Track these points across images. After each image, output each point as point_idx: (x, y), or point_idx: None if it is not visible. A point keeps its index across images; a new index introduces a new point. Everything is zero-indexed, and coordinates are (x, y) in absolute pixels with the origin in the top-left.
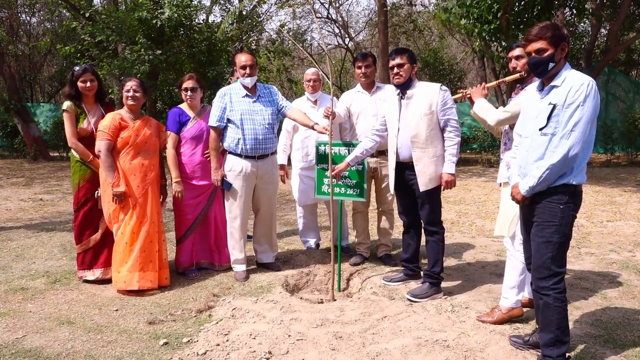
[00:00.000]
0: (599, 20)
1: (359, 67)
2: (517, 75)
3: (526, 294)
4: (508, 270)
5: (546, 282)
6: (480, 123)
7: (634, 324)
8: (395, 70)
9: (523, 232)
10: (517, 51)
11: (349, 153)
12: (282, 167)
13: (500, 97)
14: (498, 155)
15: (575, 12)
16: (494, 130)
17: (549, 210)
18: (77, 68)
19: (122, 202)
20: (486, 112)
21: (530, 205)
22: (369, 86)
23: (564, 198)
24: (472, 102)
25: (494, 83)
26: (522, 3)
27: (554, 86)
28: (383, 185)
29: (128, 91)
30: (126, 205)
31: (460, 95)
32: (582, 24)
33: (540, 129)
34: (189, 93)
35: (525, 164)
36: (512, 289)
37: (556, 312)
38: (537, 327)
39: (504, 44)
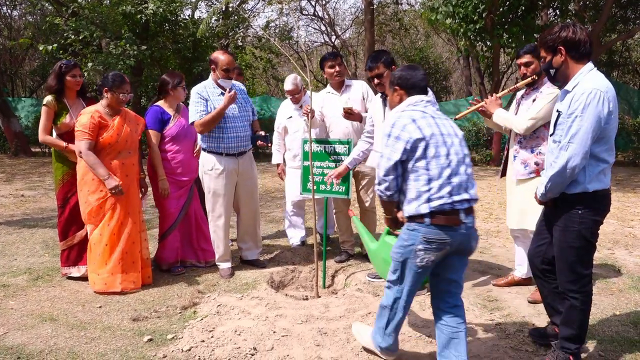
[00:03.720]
0: (582, 22)
1: (332, 67)
2: (529, 79)
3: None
4: (517, 251)
5: (573, 286)
6: (497, 129)
7: (612, 320)
8: (376, 81)
9: (538, 225)
10: (525, 58)
11: (334, 151)
12: (278, 165)
13: (484, 96)
14: (482, 153)
15: (558, 13)
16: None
17: (569, 216)
18: (65, 61)
19: (122, 194)
20: (510, 121)
21: (553, 207)
22: (339, 85)
23: (582, 203)
24: (485, 114)
25: (506, 91)
26: (507, 4)
27: (567, 91)
28: (363, 184)
29: (125, 94)
30: (105, 206)
31: (474, 108)
32: None
33: (550, 135)
34: (185, 91)
35: (545, 167)
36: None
37: (581, 313)
38: (551, 321)
39: (488, 43)
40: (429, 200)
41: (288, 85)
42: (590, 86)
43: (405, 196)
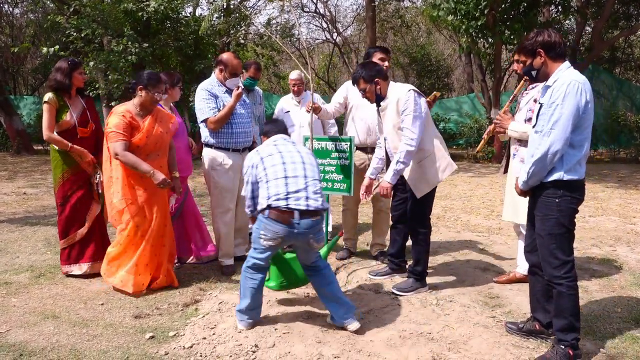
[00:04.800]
0: (584, 18)
1: (383, 60)
2: (522, 83)
3: (522, 271)
4: (519, 248)
5: (558, 272)
6: (518, 137)
7: (613, 317)
8: (362, 94)
9: (527, 220)
10: (517, 55)
11: (335, 148)
12: None
13: (486, 93)
14: (484, 150)
15: (560, 9)
16: None
17: (546, 204)
18: (70, 59)
19: (170, 186)
20: (527, 128)
21: (533, 198)
22: None
23: (559, 192)
24: (500, 132)
25: (507, 103)
26: (509, 0)
27: (548, 86)
28: (377, 184)
29: (160, 93)
30: (131, 209)
31: (487, 135)
32: (567, 22)
33: (533, 127)
34: (182, 90)
35: (526, 159)
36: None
37: (570, 300)
38: (532, 315)
39: (490, 40)
40: (268, 197)
41: (294, 74)
42: (570, 78)
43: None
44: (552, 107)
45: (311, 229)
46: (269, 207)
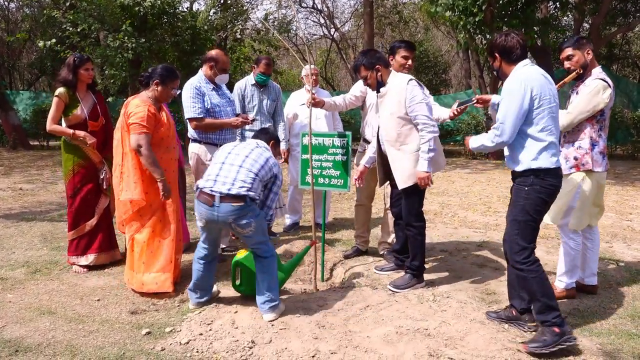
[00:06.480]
0: (582, 15)
1: (406, 58)
2: (574, 73)
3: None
4: (560, 256)
5: (518, 257)
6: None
7: (610, 313)
8: (364, 82)
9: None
10: (567, 51)
11: (333, 144)
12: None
13: (483, 89)
14: None
15: (558, 5)
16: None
17: (517, 191)
18: (78, 55)
19: (170, 196)
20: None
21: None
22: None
23: (528, 180)
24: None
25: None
26: None
27: None
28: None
29: (176, 89)
30: (154, 205)
31: (570, 77)
32: (565, 18)
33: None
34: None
35: (488, 135)
36: (565, 273)
37: (535, 282)
38: (510, 303)
39: (488, 36)
40: (200, 180)
41: (306, 70)
42: (514, 75)
43: None
44: (502, 103)
45: (231, 214)
46: (197, 188)
